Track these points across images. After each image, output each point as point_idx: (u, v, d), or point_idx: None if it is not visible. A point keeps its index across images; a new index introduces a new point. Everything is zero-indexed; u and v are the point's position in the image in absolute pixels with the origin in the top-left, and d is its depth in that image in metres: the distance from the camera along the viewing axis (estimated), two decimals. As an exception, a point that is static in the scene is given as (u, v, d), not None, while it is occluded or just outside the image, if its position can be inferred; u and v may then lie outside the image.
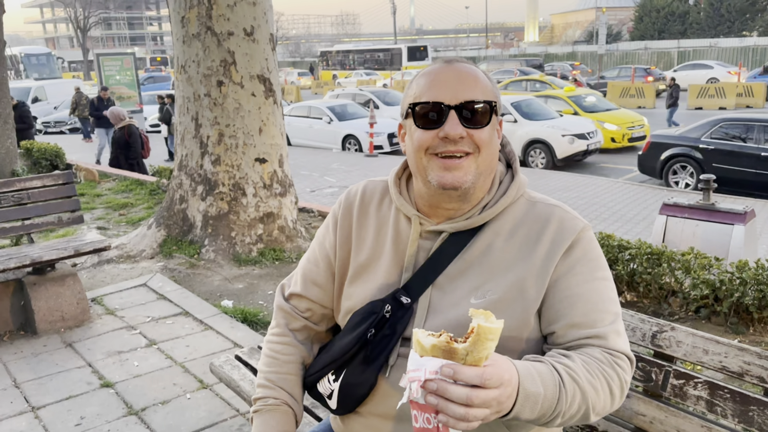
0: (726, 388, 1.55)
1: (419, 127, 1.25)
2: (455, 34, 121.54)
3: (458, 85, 1.24)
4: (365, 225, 1.43)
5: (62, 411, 3.19)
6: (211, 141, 5.57)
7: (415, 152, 1.27)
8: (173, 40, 5.75)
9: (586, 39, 64.91)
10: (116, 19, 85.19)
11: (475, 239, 1.30)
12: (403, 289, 1.32)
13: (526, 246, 1.28)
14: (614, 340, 1.23)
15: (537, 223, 1.30)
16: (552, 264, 1.25)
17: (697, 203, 5.47)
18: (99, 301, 4.62)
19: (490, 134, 1.26)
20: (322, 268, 1.48)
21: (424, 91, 1.25)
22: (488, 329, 0.93)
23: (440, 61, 1.31)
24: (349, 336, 1.36)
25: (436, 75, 1.26)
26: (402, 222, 1.38)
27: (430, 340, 0.95)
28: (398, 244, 1.36)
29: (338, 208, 1.49)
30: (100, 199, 8.45)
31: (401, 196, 1.39)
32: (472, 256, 1.29)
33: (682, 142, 10.43)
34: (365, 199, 1.46)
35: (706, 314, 3.97)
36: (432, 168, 1.25)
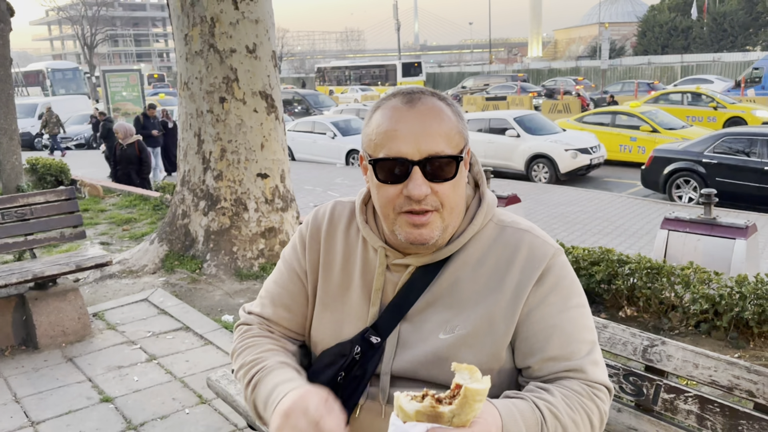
0: (716, 402, 1.55)
1: (382, 182, 1.18)
2: (459, 49, 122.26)
3: (422, 134, 1.15)
4: (332, 250, 1.36)
5: (62, 426, 3.19)
6: (214, 156, 5.62)
7: (381, 207, 1.22)
8: (176, 57, 5.81)
9: (590, 54, 65.16)
10: (123, 36, 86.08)
11: (442, 271, 1.25)
12: (372, 327, 1.27)
13: (496, 276, 1.23)
14: (592, 372, 1.20)
15: (506, 250, 1.24)
16: (523, 296, 1.21)
17: (698, 218, 5.47)
18: (100, 316, 4.64)
19: (456, 185, 1.20)
20: (294, 291, 1.39)
21: (384, 140, 1.17)
22: (475, 391, 0.90)
23: (401, 96, 1.21)
24: (318, 379, 1.29)
25: (397, 121, 1.17)
26: (370, 251, 1.31)
27: (414, 406, 0.91)
28: (366, 274, 1.30)
29: (306, 229, 1.41)
30: (104, 214, 8.50)
31: (367, 226, 1.32)
32: (441, 289, 1.25)
33: (685, 156, 10.44)
34: (333, 221, 1.38)
35: (706, 329, 3.96)
36: (399, 225, 1.19)
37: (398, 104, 1.19)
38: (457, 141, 1.20)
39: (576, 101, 25.82)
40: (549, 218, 9.10)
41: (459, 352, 1.20)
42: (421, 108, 1.18)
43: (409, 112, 1.17)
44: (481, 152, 13.73)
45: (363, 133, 1.24)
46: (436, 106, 1.19)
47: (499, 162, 13.29)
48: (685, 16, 55.13)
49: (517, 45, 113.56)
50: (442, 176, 1.17)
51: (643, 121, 14.03)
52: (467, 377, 0.92)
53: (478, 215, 1.27)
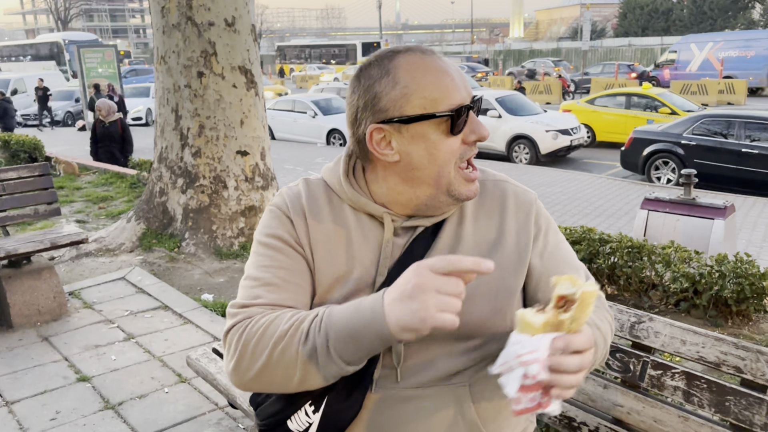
0: (703, 379, 1.55)
1: (455, 134, 1.15)
2: (441, 29, 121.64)
3: (461, 77, 1.16)
4: (322, 224, 1.23)
5: (37, 405, 3.13)
6: (192, 133, 5.51)
7: (442, 165, 1.16)
8: (153, 30, 5.66)
9: (571, 35, 65.24)
10: (98, 11, 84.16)
11: (443, 229, 1.24)
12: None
13: (493, 227, 1.26)
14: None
15: (495, 201, 1.28)
16: (527, 242, 1.25)
17: (678, 198, 5.51)
18: (77, 294, 4.56)
19: None
20: (295, 268, 1.21)
21: (444, 90, 1.13)
22: (590, 293, 0.94)
23: (417, 51, 1.16)
24: None
25: (439, 69, 1.14)
26: (364, 220, 1.23)
27: (540, 318, 0.95)
28: (365, 245, 1.21)
29: (285, 206, 1.25)
30: (80, 192, 8.34)
31: (362, 196, 1.23)
32: (444, 245, 1.23)
33: (664, 138, 10.51)
34: (312, 196, 1.26)
35: (685, 307, 3.99)
36: (458, 182, 1.18)
37: (424, 57, 1.16)
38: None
39: (557, 83, 25.92)
40: (530, 198, 9.12)
41: (470, 303, 1.14)
42: (441, 56, 1.18)
43: (441, 60, 1.16)
44: (462, 132, 13.67)
45: (389, 98, 1.13)
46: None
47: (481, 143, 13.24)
48: (666, -2, 55.31)
49: (498, 25, 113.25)
50: (479, 113, 1.21)
51: (662, 103, 13.83)
52: (570, 286, 0.96)
53: None
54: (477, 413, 1.21)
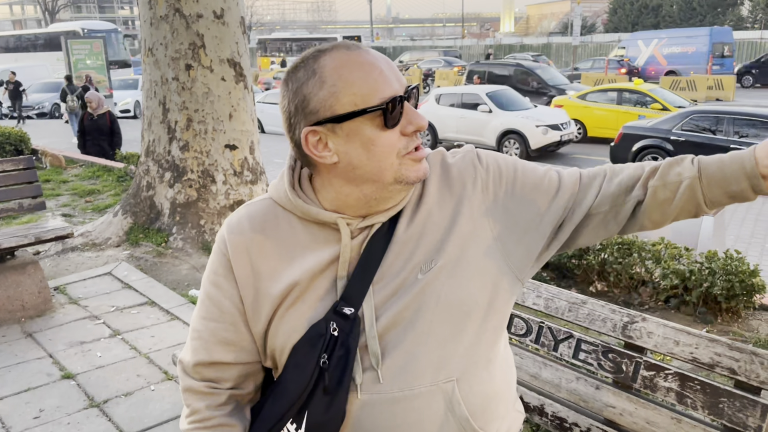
0: (696, 380, 1.53)
1: (390, 127, 1.11)
2: (431, 23, 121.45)
3: (392, 69, 1.12)
4: (269, 252, 1.21)
5: (20, 403, 3.08)
6: (180, 126, 5.44)
7: (382, 159, 1.12)
8: (140, 22, 5.58)
9: (561, 30, 65.33)
10: (86, 2, 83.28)
11: (398, 219, 1.20)
12: (342, 299, 1.16)
13: (445, 200, 1.21)
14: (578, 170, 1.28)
15: (438, 176, 1.23)
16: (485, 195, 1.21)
17: (668, 194, 5.51)
18: (62, 290, 4.49)
19: None
20: (229, 321, 1.22)
21: (373, 85, 1.09)
22: None
23: (343, 48, 1.13)
24: (300, 371, 1.16)
25: (368, 64, 1.10)
26: (315, 230, 1.20)
27: None
28: (321, 255, 1.18)
29: (224, 246, 1.23)
30: (66, 185, 8.24)
31: (312, 205, 1.20)
32: (402, 238, 1.18)
33: (653, 133, 10.53)
34: (255, 224, 1.23)
35: (675, 304, 3.99)
36: (405, 166, 1.13)
37: (352, 52, 1.12)
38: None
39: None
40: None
41: (443, 283, 1.15)
42: (369, 50, 1.14)
43: (368, 54, 1.12)
44: (453, 127, 13.66)
45: (318, 98, 1.10)
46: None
47: (471, 137, 13.24)
48: (656, -6, 55.45)
49: (489, 20, 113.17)
50: (416, 105, 1.16)
51: (653, 99, 13.87)
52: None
53: None
54: (467, 408, 1.18)
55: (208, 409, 1.22)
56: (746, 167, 1.08)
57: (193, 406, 1.23)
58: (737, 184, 1.10)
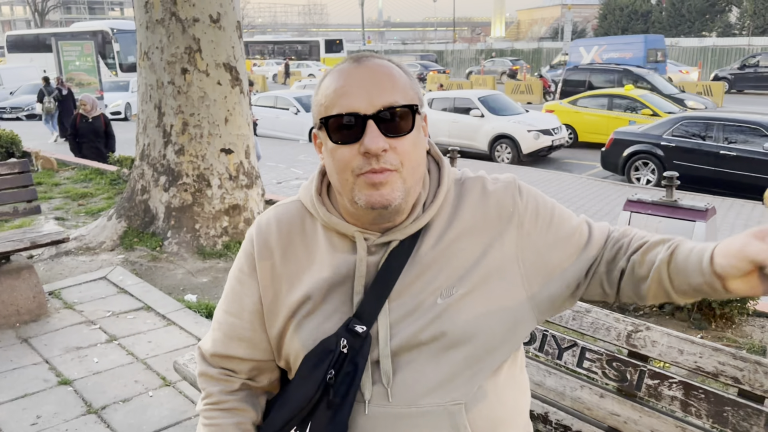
0: (700, 389, 1.55)
1: (336, 143, 1.11)
2: (423, 27, 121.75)
3: (373, 87, 1.09)
4: (292, 257, 1.24)
5: (17, 410, 3.06)
6: (175, 130, 5.43)
7: (338, 173, 1.13)
8: (136, 25, 5.57)
9: (552, 35, 65.68)
10: (76, 3, 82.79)
11: (421, 239, 1.19)
12: (355, 316, 1.17)
13: (478, 229, 1.20)
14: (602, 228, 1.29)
15: (473, 200, 1.22)
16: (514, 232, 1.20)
17: (660, 200, 5.56)
18: (57, 294, 4.47)
19: (414, 141, 1.13)
20: (247, 320, 1.27)
21: (335, 99, 1.10)
22: None
23: (350, 59, 1.15)
24: (307, 383, 1.19)
25: (346, 78, 1.11)
26: (336, 241, 1.21)
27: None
28: (338, 267, 1.19)
29: (251, 246, 1.27)
30: (59, 188, 8.19)
31: (332, 216, 1.22)
32: (425, 258, 1.18)
33: (644, 139, 10.62)
34: (282, 227, 1.26)
35: (670, 310, 4.03)
36: (358, 187, 1.11)
37: (346, 65, 1.14)
38: (411, 95, 1.14)
39: (538, 83, 26.09)
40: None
41: (462, 307, 1.15)
42: (370, 64, 1.13)
43: (358, 69, 1.12)
44: (445, 132, 13.71)
45: (313, 104, 1.17)
46: (385, 64, 1.15)
47: (463, 142, 13.29)
48: (645, 0, 55.93)
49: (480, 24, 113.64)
50: (399, 129, 1.11)
51: (644, 105, 13.94)
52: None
53: (443, 176, 1.24)
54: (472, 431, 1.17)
55: (221, 394, 1.28)
56: (703, 263, 1.04)
57: (208, 390, 1.30)
58: (695, 278, 1.06)
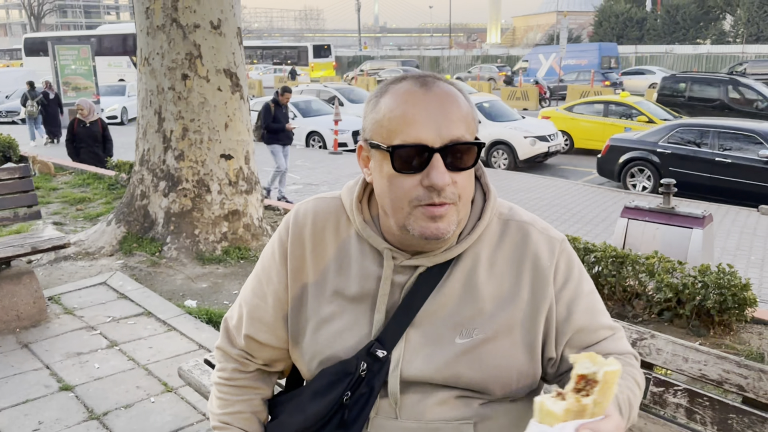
0: (705, 396, 1.57)
1: (398, 172, 1.09)
2: (419, 33, 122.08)
3: (442, 118, 1.07)
4: (323, 255, 1.24)
5: (19, 415, 3.06)
6: (175, 136, 5.44)
7: (393, 200, 1.11)
8: (137, 31, 5.59)
9: (547, 42, 65.94)
10: (72, 7, 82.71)
11: (451, 271, 1.18)
12: (377, 340, 1.17)
13: (510, 277, 1.18)
14: (617, 346, 1.21)
15: (515, 248, 1.20)
16: (543, 300, 1.18)
17: (657, 207, 5.59)
18: (56, 300, 4.46)
19: (470, 174, 1.13)
20: (270, 305, 1.29)
21: (402, 126, 1.07)
22: (614, 373, 0.88)
23: (413, 80, 1.12)
24: (322, 401, 1.20)
25: (414, 104, 1.08)
26: (367, 251, 1.21)
27: (561, 406, 0.88)
28: (365, 279, 1.20)
29: (286, 233, 1.28)
30: (56, 193, 8.18)
31: (368, 227, 1.21)
32: (452, 290, 1.17)
33: (640, 146, 10.67)
34: (318, 222, 1.26)
35: (669, 317, 4.06)
36: (415, 218, 1.10)
37: (411, 87, 1.10)
38: (473, 127, 1.13)
39: (534, 89, 26.18)
40: (510, 204, 9.18)
41: (479, 356, 1.15)
42: (438, 91, 1.10)
43: (426, 95, 1.08)
44: (442, 137, 13.73)
45: (368, 119, 1.14)
46: (451, 91, 1.11)
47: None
48: (640, 8, 56.31)
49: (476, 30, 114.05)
50: (463, 165, 1.09)
51: (639, 111, 13.96)
52: (590, 365, 0.90)
53: (486, 210, 1.21)
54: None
55: (234, 371, 1.34)
56: None
57: (223, 365, 1.36)
58: None
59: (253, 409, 1.34)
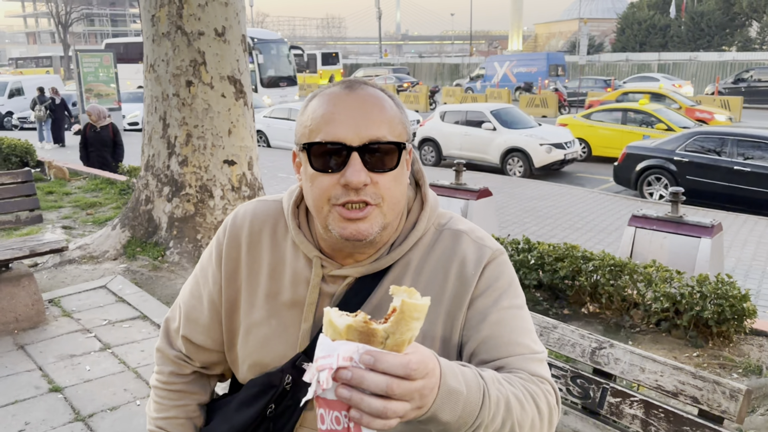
0: (660, 408, 1.53)
1: (316, 170, 1.08)
2: (440, 40, 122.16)
3: (362, 119, 1.06)
4: (257, 259, 1.23)
5: (6, 416, 3.09)
6: (179, 141, 5.49)
7: (314, 200, 1.10)
8: (143, 38, 5.67)
9: (569, 49, 65.54)
10: (99, 16, 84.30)
11: (382, 281, 1.16)
12: (305, 353, 1.16)
13: (433, 285, 1.16)
14: (533, 368, 1.11)
15: (443, 255, 1.17)
16: (461, 309, 1.14)
17: (665, 215, 5.51)
18: (56, 302, 4.52)
19: (396, 176, 1.10)
20: (206, 306, 1.28)
21: (321, 124, 1.07)
22: (413, 306, 0.80)
23: (340, 84, 1.13)
24: (247, 411, 1.20)
25: (335, 104, 1.08)
26: (300, 259, 1.20)
27: (345, 321, 0.81)
28: (296, 285, 1.19)
29: (223, 235, 1.27)
30: (69, 197, 8.30)
31: (300, 232, 1.20)
32: (380, 301, 1.15)
33: (657, 153, 10.52)
34: (255, 224, 1.25)
35: (666, 327, 3.97)
36: (333, 218, 1.08)
37: (336, 90, 1.11)
38: (399, 131, 1.10)
39: (553, 96, 26.00)
40: (520, 212, 9.11)
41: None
42: (361, 93, 1.09)
43: (349, 96, 1.08)
44: (457, 145, 13.71)
45: (296, 123, 1.14)
46: (377, 94, 1.11)
47: (475, 155, 13.28)
48: (664, 14, 55.66)
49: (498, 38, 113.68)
50: (384, 165, 1.07)
51: (658, 119, 13.79)
52: (406, 297, 0.83)
53: (421, 220, 1.18)
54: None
55: (171, 375, 1.33)
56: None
57: (160, 368, 1.35)
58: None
59: (189, 415, 1.33)
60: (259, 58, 24.51)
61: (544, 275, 4.48)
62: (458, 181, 7.01)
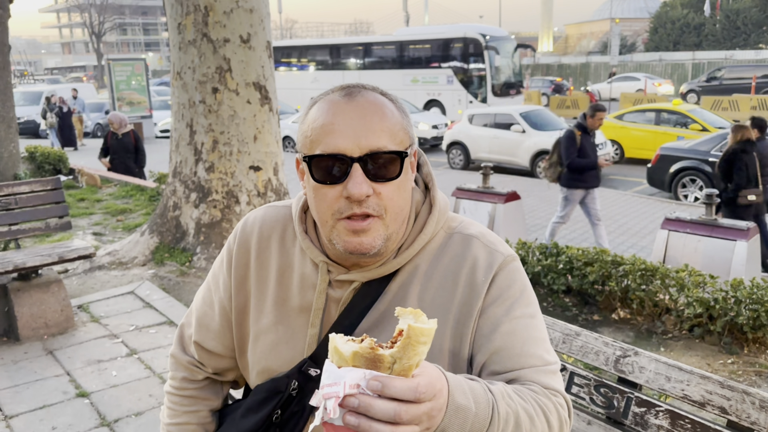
0: (687, 418, 1.46)
1: (318, 182, 1.06)
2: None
3: (362, 128, 1.04)
4: (266, 265, 1.23)
5: (35, 420, 3.14)
6: (206, 148, 5.54)
7: (318, 212, 1.09)
8: (170, 46, 5.74)
9: (601, 50, 64.69)
10: (131, 25, 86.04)
11: (389, 286, 1.14)
12: (311, 358, 1.15)
13: (443, 292, 1.12)
14: (545, 380, 1.07)
15: (452, 261, 1.14)
16: (471, 317, 1.11)
17: (699, 218, 5.36)
18: (85, 308, 4.58)
19: (399, 185, 1.07)
20: (217, 312, 1.28)
21: (321, 135, 1.05)
22: (420, 330, 0.78)
23: (340, 90, 1.10)
24: (254, 417, 1.20)
25: (335, 114, 1.05)
26: (308, 264, 1.19)
27: (351, 347, 0.79)
28: (304, 291, 1.18)
29: (233, 241, 1.27)
30: (100, 204, 8.45)
31: (307, 237, 1.19)
32: (387, 306, 1.13)
33: (691, 155, 10.29)
34: (264, 230, 1.24)
35: (699, 333, 3.85)
36: (338, 232, 1.07)
37: (336, 98, 1.08)
38: (401, 138, 1.08)
39: (585, 97, 25.67)
40: (551, 216, 8.98)
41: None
42: (361, 101, 1.06)
43: (348, 105, 1.06)
44: (485, 147, 13.60)
45: (298, 131, 1.12)
46: (377, 101, 1.08)
47: (504, 158, 13.16)
48: (698, 13, 54.54)
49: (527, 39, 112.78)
50: (385, 175, 1.05)
51: (693, 120, 13.50)
52: (412, 320, 0.81)
53: (429, 223, 1.15)
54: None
55: (184, 381, 1.34)
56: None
57: (173, 374, 1.36)
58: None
59: (200, 421, 1.33)
60: (494, 59, 20.26)
61: (573, 280, 4.39)
62: (486, 184, 6.94)
